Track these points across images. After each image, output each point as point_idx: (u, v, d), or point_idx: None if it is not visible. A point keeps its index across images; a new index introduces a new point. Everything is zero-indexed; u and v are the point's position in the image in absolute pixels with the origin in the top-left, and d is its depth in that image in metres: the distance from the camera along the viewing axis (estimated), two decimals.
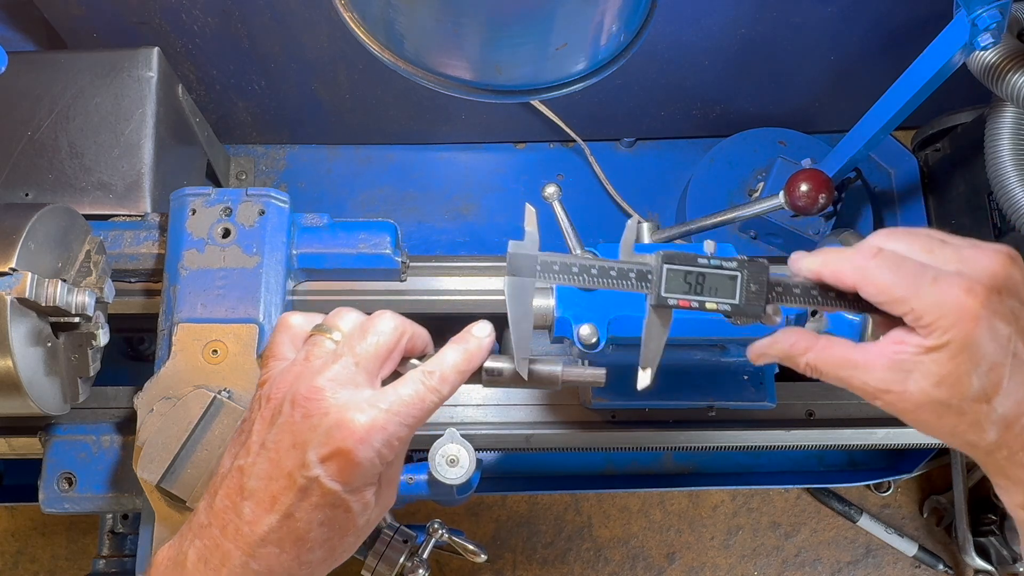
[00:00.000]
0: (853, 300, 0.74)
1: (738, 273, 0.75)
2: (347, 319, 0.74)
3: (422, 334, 0.76)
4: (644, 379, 0.76)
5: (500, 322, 1.27)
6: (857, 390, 0.72)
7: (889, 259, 0.70)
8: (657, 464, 1.57)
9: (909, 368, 0.68)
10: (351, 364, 0.69)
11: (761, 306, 0.75)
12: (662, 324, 0.76)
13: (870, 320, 0.78)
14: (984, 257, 0.69)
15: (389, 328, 0.72)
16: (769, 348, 0.76)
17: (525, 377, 0.76)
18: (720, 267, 0.75)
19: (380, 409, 0.67)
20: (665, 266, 0.75)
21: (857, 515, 1.75)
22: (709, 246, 0.83)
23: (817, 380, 0.75)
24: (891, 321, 0.72)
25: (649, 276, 0.75)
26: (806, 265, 0.74)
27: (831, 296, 0.74)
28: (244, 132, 1.77)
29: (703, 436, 1.20)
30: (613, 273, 0.75)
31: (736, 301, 0.75)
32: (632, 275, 0.75)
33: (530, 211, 0.77)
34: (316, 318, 0.76)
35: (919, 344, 0.68)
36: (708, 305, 0.75)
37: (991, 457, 0.70)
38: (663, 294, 0.75)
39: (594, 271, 0.75)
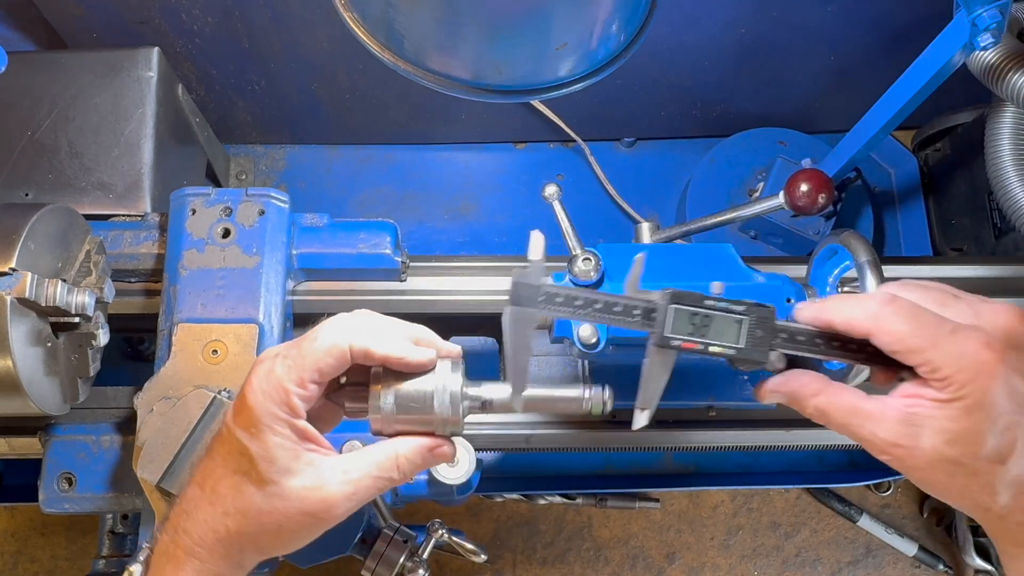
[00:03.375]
0: (857, 349, 0.71)
1: (744, 317, 0.73)
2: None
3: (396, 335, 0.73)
4: (640, 420, 0.73)
5: (497, 322, 1.28)
6: (864, 442, 0.69)
7: (905, 308, 0.67)
8: (657, 464, 1.57)
9: (921, 423, 0.66)
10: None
11: (765, 352, 0.73)
12: (664, 365, 0.73)
13: (866, 369, 0.76)
14: (1000, 313, 0.68)
15: (325, 345, 0.70)
16: (778, 387, 0.73)
17: (519, 410, 0.74)
18: (728, 310, 0.73)
19: (277, 358, 0.70)
20: (672, 306, 0.72)
21: (857, 515, 1.75)
22: (716, 287, 0.79)
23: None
24: (891, 374, 0.70)
25: (654, 314, 0.73)
26: (814, 312, 0.72)
27: (835, 345, 0.72)
28: (244, 132, 1.77)
29: (703, 436, 1.20)
30: (618, 309, 0.73)
31: (740, 345, 0.73)
32: (637, 312, 0.73)
33: (537, 239, 0.76)
34: None
35: (933, 397, 0.66)
36: (712, 348, 0.73)
37: (1003, 522, 0.68)
38: (667, 334, 0.72)
39: (598, 306, 0.73)
